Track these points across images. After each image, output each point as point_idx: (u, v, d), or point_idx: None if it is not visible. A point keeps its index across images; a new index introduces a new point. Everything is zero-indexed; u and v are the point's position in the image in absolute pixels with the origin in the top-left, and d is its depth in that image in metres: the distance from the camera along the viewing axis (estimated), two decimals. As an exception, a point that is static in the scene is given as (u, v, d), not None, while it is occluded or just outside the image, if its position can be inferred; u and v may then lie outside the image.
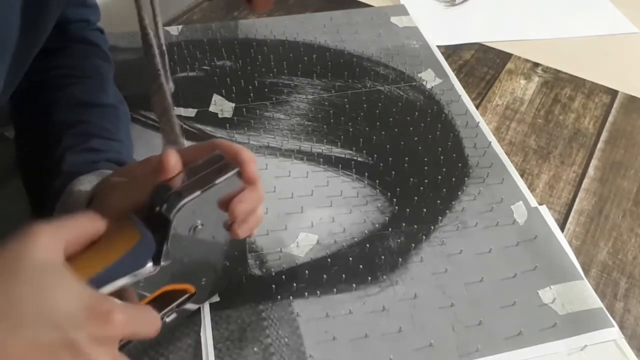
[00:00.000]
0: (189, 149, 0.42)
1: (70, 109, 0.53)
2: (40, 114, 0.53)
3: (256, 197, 0.41)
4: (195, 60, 0.76)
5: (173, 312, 0.43)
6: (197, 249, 0.40)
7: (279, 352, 0.47)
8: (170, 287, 0.41)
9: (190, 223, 0.38)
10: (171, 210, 0.36)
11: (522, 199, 0.60)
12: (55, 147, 0.50)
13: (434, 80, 0.75)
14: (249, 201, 0.40)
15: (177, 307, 0.43)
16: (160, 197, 0.36)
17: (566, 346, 0.48)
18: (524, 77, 0.78)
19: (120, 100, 0.59)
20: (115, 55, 0.67)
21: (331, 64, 0.77)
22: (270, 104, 0.70)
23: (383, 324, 0.49)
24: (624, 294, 0.53)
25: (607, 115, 0.73)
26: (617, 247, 0.57)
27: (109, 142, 0.52)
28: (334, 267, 0.53)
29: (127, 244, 0.35)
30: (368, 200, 0.59)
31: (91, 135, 0.51)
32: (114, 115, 0.56)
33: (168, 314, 0.43)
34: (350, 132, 0.67)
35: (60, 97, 0.54)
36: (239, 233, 0.41)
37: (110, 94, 0.58)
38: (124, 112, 0.58)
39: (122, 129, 0.56)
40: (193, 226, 0.38)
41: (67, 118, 0.52)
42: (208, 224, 0.39)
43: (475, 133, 0.68)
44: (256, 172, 0.40)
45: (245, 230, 0.42)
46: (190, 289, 0.43)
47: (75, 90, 0.55)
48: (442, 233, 0.56)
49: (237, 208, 0.39)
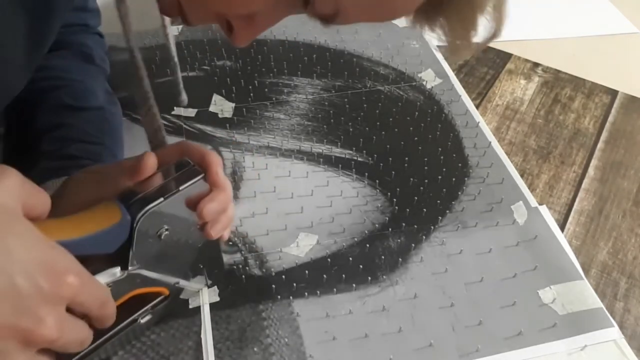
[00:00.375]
0: (158, 152, 0.41)
1: (54, 112, 0.53)
2: (27, 115, 0.53)
3: (223, 198, 0.40)
4: (195, 60, 0.76)
5: (148, 313, 0.43)
6: (167, 253, 0.41)
7: (279, 352, 0.47)
8: (143, 291, 0.41)
9: (155, 228, 0.38)
10: (135, 216, 0.36)
11: (522, 199, 0.60)
12: (35, 151, 0.50)
13: (434, 80, 0.75)
14: (217, 202, 0.40)
15: (151, 309, 0.43)
16: (126, 203, 0.37)
17: (566, 346, 0.48)
18: (524, 77, 0.78)
19: (112, 102, 0.59)
20: (115, 55, 0.67)
21: (331, 64, 0.77)
22: (270, 104, 0.70)
23: (383, 324, 0.49)
24: (624, 294, 0.53)
25: (607, 115, 0.73)
26: (617, 247, 0.57)
27: (88, 146, 0.51)
28: (334, 267, 0.53)
29: (106, 221, 0.35)
30: (368, 200, 0.59)
31: (70, 140, 0.51)
32: (100, 118, 0.55)
33: (143, 315, 0.43)
34: (350, 132, 0.67)
35: (47, 99, 0.54)
36: (211, 234, 0.41)
37: (100, 96, 0.57)
38: (113, 114, 0.58)
39: (108, 132, 0.55)
40: (159, 231, 0.38)
41: (50, 121, 0.52)
42: (176, 228, 0.40)
43: (475, 133, 0.68)
44: (221, 175, 0.40)
45: (217, 230, 0.42)
46: (164, 291, 0.44)
47: (62, 93, 0.55)
48: (442, 233, 0.57)
49: (204, 210, 0.39)
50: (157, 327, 0.48)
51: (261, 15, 0.35)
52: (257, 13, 0.34)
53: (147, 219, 0.37)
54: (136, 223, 0.36)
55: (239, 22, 0.35)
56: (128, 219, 0.36)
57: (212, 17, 0.36)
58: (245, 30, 0.36)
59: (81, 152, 0.50)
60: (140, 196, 0.37)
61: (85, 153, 0.50)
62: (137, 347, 0.46)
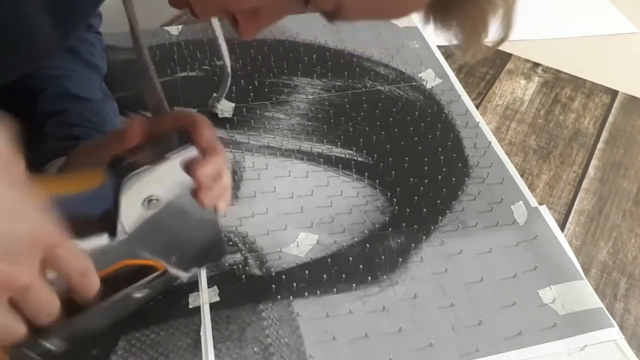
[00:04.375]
0: (155, 121, 0.41)
1: (57, 99, 0.55)
2: (27, 102, 0.54)
3: (217, 161, 0.39)
4: (195, 60, 0.76)
5: (144, 287, 0.42)
6: (161, 226, 0.40)
7: (279, 352, 0.47)
8: (133, 262, 0.40)
9: (141, 195, 0.37)
10: (120, 181, 0.36)
11: (522, 199, 0.60)
12: (38, 134, 0.51)
13: (434, 80, 0.75)
14: (209, 165, 0.39)
15: (147, 284, 0.42)
16: (113, 167, 0.37)
17: (566, 346, 0.48)
18: (524, 77, 0.78)
19: (111, 98, 0.60)
20: (115, 55, 0.67)
21: (331, 64, 0.77)
22: (270, 104, 0.70)
23: (383, 324, 0.49)
24: (624, 294, 0.53)
25: (607, 115, 0.73)
26: (617, 247, 0.57)
27: (92, 132, 0.52)
28: (334, 267, 0.53)
29: (90, 183, 0.35)
30: (368, 200, 0.59)
31: (74, 125, 0.52)
32: (102, 110, 0.57)
33: (137, 289, 0.42)
34: (350, 132, 0.67)
35: (49, 87, 0.55)
36: (204, 201, 0.40)
37: (100, 91, 0.59)
38: (113, 107, 0.59)
39: (108, 123, 0.56)
40: (147, 199, 0.38)
41: (54, 106, 0.54)
42: (169, 200, 0.39)
43: (475, 133, 0.68)
44: (209, 138, 0.39)
45: (210, 197, 0.40)
46: (159, 266, 0.43)
47: (65, 82, 0.56)
48: (442, 233, 0.56)
49: (197, 173, 0.38)
50: (156, 327, 0.48)
51: (265, 10, 0.35)
52: (262, 8, 0.35)
53: (133, 185, 0.36)
54: (121, 186, 0.36)
55: (244, 16, 0.36)
56: (112, 182, 0.36)
57: (218, 11, 0.37)
58: (250, 25, 0.36)
59: (84, 134, 0.51)
60: (128, 162, 0.37)
61: (88, 136, 0.51)
62: (136, 346, 0.46)
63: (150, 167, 0.37)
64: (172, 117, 0.41)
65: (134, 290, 0.42)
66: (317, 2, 0.34)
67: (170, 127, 0.40)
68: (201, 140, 0.38)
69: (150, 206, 0.38)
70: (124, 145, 0.38)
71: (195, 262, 0.47)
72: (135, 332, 0.47)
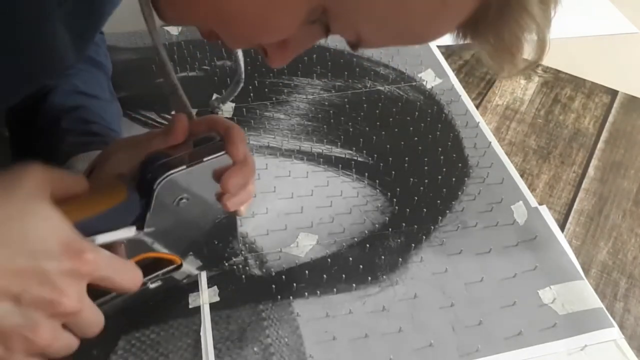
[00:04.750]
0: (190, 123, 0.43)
1: (69, 95, 0.55)
2: (38, 99, 0.54)
3: (246, 172, 0.42)
4: (195, 60, 0.76)
5: (158, 279, 0.44)
6: (184, 222, 0.42)
7: (279, 352, 0.47)
8: (155, 255, 0.42)
9: (175, 195, 0.39)
10: (156, 179, 0.38)
11: (522, 199, 0.60)
12: (54, 129, 0.52)
13: (434, 80, 0.75)
14: (240, 176, 0.41)
15: (162, 276, 0.44)
16: (150, 165, 0.38)
17: (566, 346, 0.48)
18: (524, 77, 0.78)
19: (116, 98, 0.61)
20: (115, 55, 0.67)
21: (331, 64, 0.77)
22: (270, 104, 0.70)
23: (383, 324, 0.49)
24: (624, 294, 0.53)
25: (607, 115, 0.73)
26: (617, 247, 0.57)
27: (106, 129, 0.54)
28: (334, 267, 0.53)
29: (113, 200, 0.37)
30: (368, 200, 0.59)
31: (90, 122, 0.53)
32: (110, 109, 0.58)
33: (153, 280, 0.44)
34: (350, 132, 0.67)
35: (60, 84, 0.56)
36: (228, 205, 0.42)
37: (107, 90, 0.60)
38: (118, 107, 0.61)
39: (117, 122, 0.58)
40: (178, 198, 0.40)
41: (67, 102, 0.54)
42: (195, 199, 0.41)
43: (475, 133, 0.68)
44: (244, 150, 0.41)
45: (234, 203, 0.43)
46: (176, 260, 0.45)
47: (75, 79, 0.57)
48: (442, 233, 0.56)
49: (227, 181, 0.40)
50: (156, 327, 0.48)
51: (292, 41, 0.37)
52: (289, 39, 0.36)
53: (166, 185, 0.38)
54: (156, 186, 0.38)
55: (272, 48, 0.37)
56: (136, 196, 0.37)
57: (248, 44, 0.38)
58: (279, 55, 0.38)
59: (102, 131, 0.53)
60: (164, 161, 0.39)
61: (106, 133, 0.53)
62: (136, 346, 0.46)
63: (186, 168, 0.39)
64: (206, 121, 0.43)
65: (150, 281, 0.44)
66: (338, 34, 0.36)
67: (204, 131, 0.42)
68: (237, 153, 0.40)
69: (179, 204, 0.40)
70: (170, 142, 0.40)
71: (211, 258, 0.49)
72: (135, 332, 0.47)
